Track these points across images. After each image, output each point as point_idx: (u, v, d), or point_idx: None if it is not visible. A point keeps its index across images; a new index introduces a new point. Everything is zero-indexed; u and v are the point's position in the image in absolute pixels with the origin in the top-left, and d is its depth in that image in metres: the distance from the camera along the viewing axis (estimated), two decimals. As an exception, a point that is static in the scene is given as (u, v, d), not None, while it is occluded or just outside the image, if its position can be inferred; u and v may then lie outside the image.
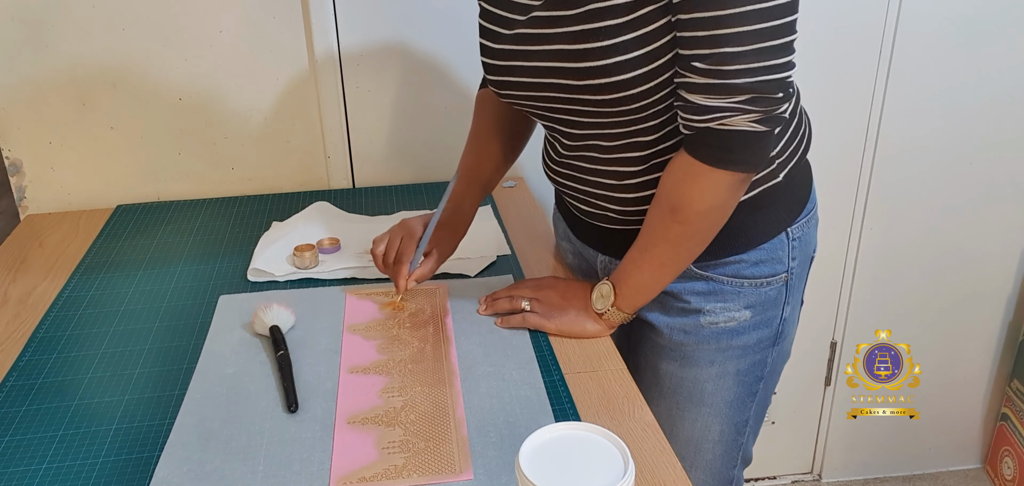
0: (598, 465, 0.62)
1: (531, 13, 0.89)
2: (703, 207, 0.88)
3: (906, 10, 1.57)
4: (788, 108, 0.85)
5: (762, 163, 0.88)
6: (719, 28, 0.78)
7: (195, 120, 1.45)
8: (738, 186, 0.88)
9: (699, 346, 1.03)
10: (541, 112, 0.97)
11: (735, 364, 1.04)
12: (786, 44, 0.80)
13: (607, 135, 0.93)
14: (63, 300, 1.13)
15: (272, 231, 1.30)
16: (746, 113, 0.81)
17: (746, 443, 1.13)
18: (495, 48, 0.95)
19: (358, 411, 0.87)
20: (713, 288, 1.00)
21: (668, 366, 1.07)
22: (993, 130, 1.71)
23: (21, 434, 0.86)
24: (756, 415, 1.11)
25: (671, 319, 1.04)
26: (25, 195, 1.46)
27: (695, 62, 0.81)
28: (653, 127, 0.90)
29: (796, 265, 1.02)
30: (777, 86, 0.81)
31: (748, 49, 0.78)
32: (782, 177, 0.97)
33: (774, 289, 1.01)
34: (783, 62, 0.80)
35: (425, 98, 1.50)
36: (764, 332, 1.03)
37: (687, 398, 1.07)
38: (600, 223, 1.04)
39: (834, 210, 1.75)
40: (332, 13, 1.40)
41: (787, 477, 2.10)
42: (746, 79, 0.80)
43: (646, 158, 0.93)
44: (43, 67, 1.37)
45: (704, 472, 1.12)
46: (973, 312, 1.91)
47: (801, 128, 1.00)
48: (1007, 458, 1.99)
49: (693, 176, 0.87)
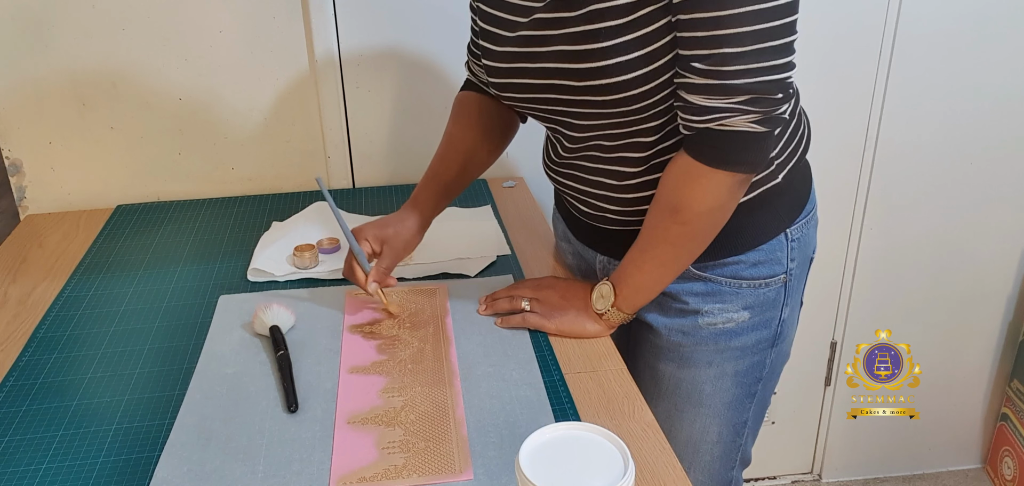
0: (598, 465, 0.62)
1: (533, 15, 0.89)
2: (703, 208, 0.88)
3: (906, 10, 1.57)
4: (788, 109, 0.85)
5: (762, 164, 0.88)
6: (719, 28, 0.78)
7: (195, 120, 1.45)
8: (738, 187, 0.88)
9: (697, 347, 1.03)
10: (543, 113, 0.97)
11: (733, 365, 1.04)
12: (786, 45, 0.80)
13: (608, 135, 0.93)
14: (63, 300, 1.13)
15: (272, 231, 1.30)
16: (746, 114, 0.81)
17: (745, 444, 1.13)
18: (498, 51, 0.95)
19: (358, 411, 0.87)
20: (711, 289, 1.00)
21: (666, 367, 1.07)
22: (993, 130, 1.71)
23: (21, 434, 0.86)
24: (755, 416, 1.11)
25: (669, 320, 1.04)
26: (25, 195, 1.46)
27: (695, 63, 0.81)
28: (654, 128, 0.90)
29: (795, 266, 1.02)
30: (777, 87, 0.81)
31: (748, 50, 0.78)
32: (781, 178, 0.97)
33: (773, 290, 1.01)
34: (783, 63, 0.80)
35: (425, 98, 1.50)
36: (763, 333, 1.03)
37: (685, 399, 1.07)
38: (600, 224, 1.04)
39: (834, 210, 1.75)
40: (332, 13, 1.40)
41: (787, 477, 2.10)
42: (746, 80, 0.79)
43: (647, 159, 0.93)
44: (43, 67, 1.37)
45: (702, 473, 1.12)
46: (973, 312, 1.91)
47: (800, 129, 1.00)
48: (1007, 458, 1.99)
49: (693, 177, 0.87)
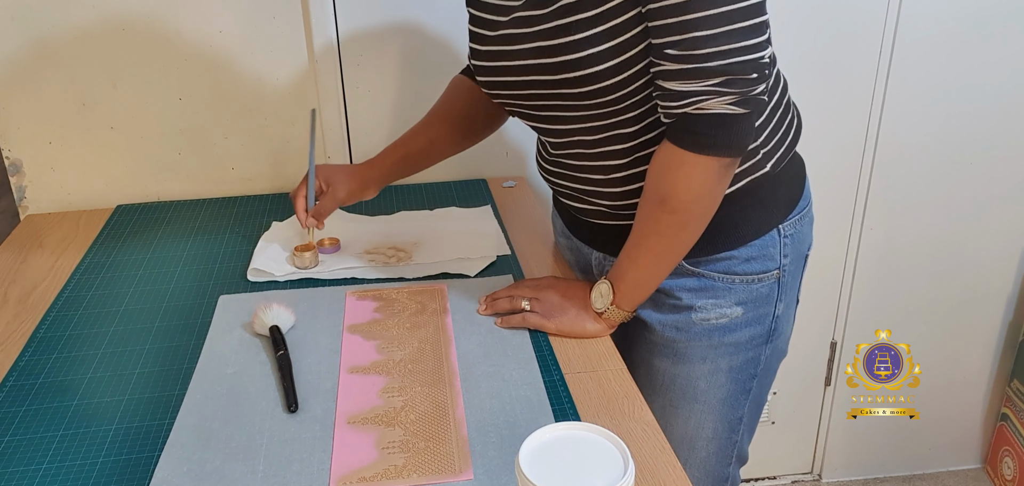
0: (598, 465, 0.62)
1: (512, 13, 0.91)
2: (690, 195, 0.89)
3: (906, 10, 1.57)
4: (764, 89, 0.86)
5: (743, 146, 0.88)
6: (687, 13, 0.79)
7: (195, 120, 1.45)
8: (723, 171, 0.89)
9: (691, 343, 1.03)
10: (527, 110, 0.99)
11: (727, 361, 1.04)
12: (757, 25, 0.81)
13: (589, 129, 0.95)
14: (63, 300, 1.13)
15: (272, 231, 1.30)
16: (722, 95, 0.82)
17: (741, 441, 1.13)
18: (482, 50, 0.97)
19: (358, 411, 0.87)
20: (704, 285, 1.00)
21: (661, 363, 1.07)
22: (993, 131, 1.70)
23: (21, 434, 0.86)
24: (751, 413, 1.11)
25: (663, 316, 1.04)
26: (25, 195, 1.46)
27: (668, 49, 0.82)
28: (633, 119, 0.92)
29: (789, 262, 1.02)
30: (751, 66, 0.81)
31: (718, 32, 0.79)
32: (769, 167, 0.97)
33: (766, 286, 1.01)
34: (755, 43, 0.81)
35: (425, 98, 1.49)
36: (757, 329, 1.03)
37: (680, 395, 1.07)
38: (593, 219, 1.05)
39: (834, 210, 1.75)
40: (332, 13, 1.40)
41: (787, 477, 2.10)
42: (718, 61, 0.80)
43: (630, 150, 0.94)
44: (43, 67, 1.37)
45: (698, 470, 1.12)
46: (973, 312, 1.91)
47: (788, 117, 1.00)
48: (1007, 458, 1.99)
49: (677, 164, 0.87)
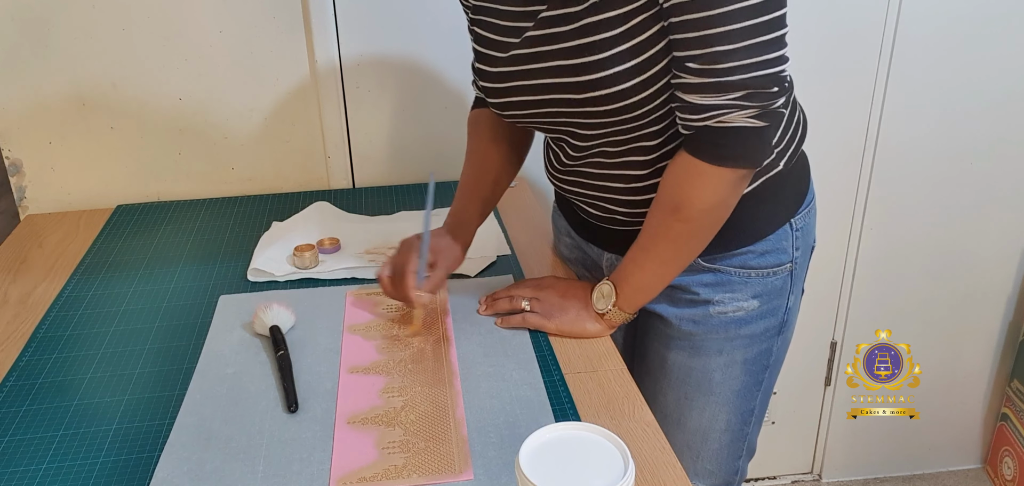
0: (598, 465, 0.62)
1: (524, 34, 0.90)
2: (705, 205, 0.89)
3: (906, 10, 1.57)
4: (784, 102, 0.85)
5: (761, 159, 0.88)
6: (709, 28, 0.79)
7: (195, 120, 1.45)
8: (739, 182, 0.89)
9: (708, 335, 1.04)
10: (545, 126, 0.98)
11: (743, 353, 1.05)
12: (777, 39, 0.80)
13: (612, 142, 0.94)
14: (63, 300, 1.13)
15: (272, 231, 1.30)
16: (742, 109, 0.82)
17: (751, 434, 1.14)
18: (492, 72, 0.96)
19: (358, 411, 0.87)
20: (721, 279, 1.01)
21: (677, 356, 1.07)
22: (993, 130, 1.70)
23: (21, 434, 0.86)
24: (760, 405, 1.12)
25: (680, 310, 1.04)
26: (25, 195, 1.46)
27: (689, 63, 0.82)
28: (657, 131, 0.91)
29: (799, 255, 1.03)
30: (771, 80, 0.81)
31: (739, 46, 0.79)
32: (782, 165, 0.98)
33: (780, 279, 1.02)
34: (775, 56, 0.81)
35: (425, 98, 1.50)
36: (770, 321, 1.04)
37: (696, 387, 1.08)
38: (608, 225, 1.05)
39: (834, 210, 1.75)
40: (332, 13, 1.40)
41: (787, 477, 2.10)
42: (739, 75, 0.80)
43: (652, 161, 0.94)
44: (43, 67, 1.37)
45: (710, 462, 1.13)
46: (973, 312, 1.91)
47: (796, 115, 1.01)
48: (1007, 458, 1.99)
49: (694, 174, 0.87)
